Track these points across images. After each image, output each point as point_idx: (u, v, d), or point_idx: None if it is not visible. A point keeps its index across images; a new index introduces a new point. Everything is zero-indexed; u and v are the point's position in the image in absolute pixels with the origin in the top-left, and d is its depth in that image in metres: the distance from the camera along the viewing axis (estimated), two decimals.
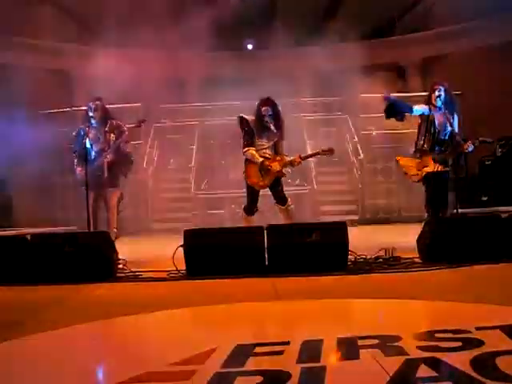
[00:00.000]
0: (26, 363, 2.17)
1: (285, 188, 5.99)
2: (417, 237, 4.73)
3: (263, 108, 5.72)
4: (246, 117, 5.85)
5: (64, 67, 13.45)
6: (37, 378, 1.98)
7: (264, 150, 5.76)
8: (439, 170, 5.67)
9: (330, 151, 6.12)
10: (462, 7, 12.45)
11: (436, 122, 5.70)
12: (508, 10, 12.26)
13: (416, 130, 5.88)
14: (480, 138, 5.60)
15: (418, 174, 5.79)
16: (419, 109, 5.68)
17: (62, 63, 13.26)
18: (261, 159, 5.68)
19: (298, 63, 14.23)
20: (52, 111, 11.71)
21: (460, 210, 5.57)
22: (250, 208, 5.84)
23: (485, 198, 10.93)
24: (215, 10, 11.75)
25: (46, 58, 12.83)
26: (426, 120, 5.73)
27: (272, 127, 5.72)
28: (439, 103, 5.68)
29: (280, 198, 5.78)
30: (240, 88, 11.59)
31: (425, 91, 6.12)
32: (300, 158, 5.98)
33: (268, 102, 5.79)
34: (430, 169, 5.69)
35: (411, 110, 5.66)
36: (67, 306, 3.53)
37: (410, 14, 14.51)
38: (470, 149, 5.54)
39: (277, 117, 5.80)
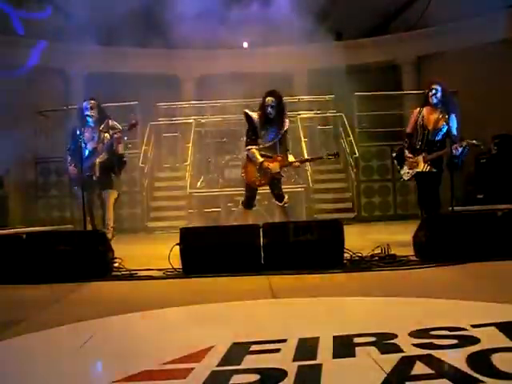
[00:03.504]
0: (21, 362, 2.17)
1: (281, 186, 6.04)
2: (412, 234, 4.74)
3: (267, 98, 5.77)
4: (250, 112, 5.88)
5: None
6: (32, 377, 1.98)
7: (267, 148, 5.78)
8: (427, 170, 5.69)
9: (335, 155, 6.16)
10: (458, 5, 12.46)
11: (427, 123, 5.71)
12: (503, 9, 12.28)
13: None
14: (468, 141, 5.52)
15: (408, 173, 5.83)
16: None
17: None
18: (260, 160, 5.69)
19: (294, 61, 14.21)
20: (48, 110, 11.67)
21: (456, 208, 5.57)
22: (249, 203, 5.91)
23: (480, 196, 10.96)
24: None
25: None
26: (417, 122, 5.77)
27: (274, 118, 5.76)
28: (435, 101, 5.70)
29: (278, 196, 5.82)
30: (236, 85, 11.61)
31: (419, 89, 6.14)
32: (300, 161, 6.07)
33: (273, 93, 5.84)
34: (419, 168, 5.72)
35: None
36: (63, 304, 3.53)
37: (406, 12, 14.50)
38: (458, 153, 5.50)
39: (280, 109, 5.82)
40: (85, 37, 11.54)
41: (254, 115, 5.82)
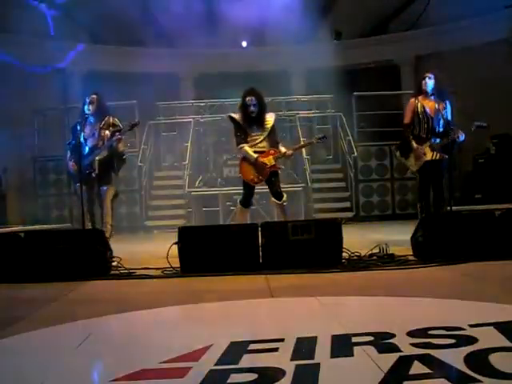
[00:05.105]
0: (19, 361, 2.16)
1: (280, 184, 6.05)
2: (411, 234, 4.75)
3: (247, 98, 5.77)
4: (233, 115, 5.92)
5: None
6: (31, 375, 1.98)
7: (258, 144, 5.80)
8: (437, 158, 5.67)
9: (324, 138, 6.23)
10: (457, 5, 12.47)
11: (427, 110, 5.71)
12: (501, 9, 12.29)
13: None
14: (476, 123, 5.58)
15: (416, 164, 5.78)
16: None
17: None
18: (255, 156, 5.71)
19: (293, 61, 14.22)
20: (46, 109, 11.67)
21: (454, 208, 5.57)
22: (246, 201, 5.92)
23: (479, 196, 10.97)
24: None
25: None
26: (416, 111, 5.75)
27: (257, 116, 5.77)
28: (429, 88, 5.72)
29: (276, 193, 5.83)
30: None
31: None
32: (293, 149, 6.11)
33: (251, 92, 5.83)
34: (428, 157, 5.68)
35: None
36: (61, 303, 3.52)
37: (405, 12, 14.50)
38: (462, 138, 5.51)
39: (261, 106, 5.83)
40: (83, 35, 11.56)
41: (237, 116, 5.85)
